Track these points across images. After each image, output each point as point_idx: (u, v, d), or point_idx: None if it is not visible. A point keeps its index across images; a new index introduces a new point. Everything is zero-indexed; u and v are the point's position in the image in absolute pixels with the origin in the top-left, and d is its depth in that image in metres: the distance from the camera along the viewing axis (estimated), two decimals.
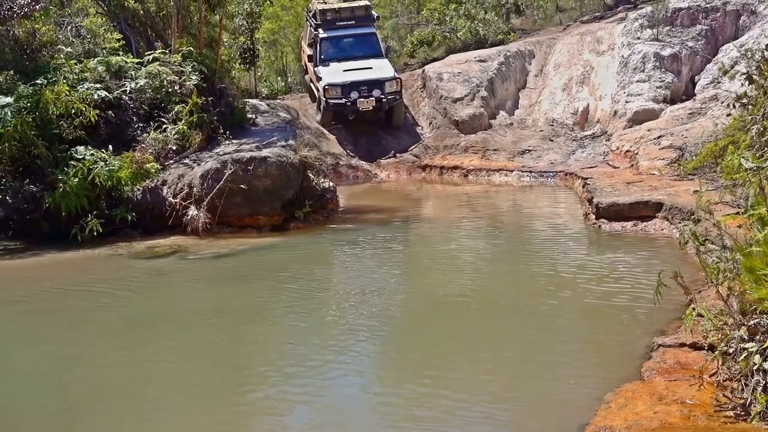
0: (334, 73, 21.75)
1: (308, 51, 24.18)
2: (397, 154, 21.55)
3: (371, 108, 21.28)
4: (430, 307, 8.86)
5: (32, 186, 13.10)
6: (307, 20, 25.11)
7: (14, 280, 10.93)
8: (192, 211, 12.90)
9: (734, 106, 11.80)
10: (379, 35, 24.50)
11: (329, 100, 21.45)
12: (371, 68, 21.89)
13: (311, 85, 24.28)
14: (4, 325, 8.98)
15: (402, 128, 22.50)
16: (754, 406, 4.99)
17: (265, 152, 13.69)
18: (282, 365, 7.18)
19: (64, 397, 6.55)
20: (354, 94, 21.15)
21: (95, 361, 7.45)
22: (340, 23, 23.09)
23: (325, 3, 24.20)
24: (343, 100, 21.24)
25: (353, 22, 23.23)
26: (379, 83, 21.33)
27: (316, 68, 22.58)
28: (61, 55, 14.99)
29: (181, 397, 6.51)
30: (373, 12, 24.13)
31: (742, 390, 5.26)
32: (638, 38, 20.95)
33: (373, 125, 22.25)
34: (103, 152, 13.31)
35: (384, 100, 21.25)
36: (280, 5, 32.78)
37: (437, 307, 8.82)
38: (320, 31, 22.89)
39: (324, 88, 21.51)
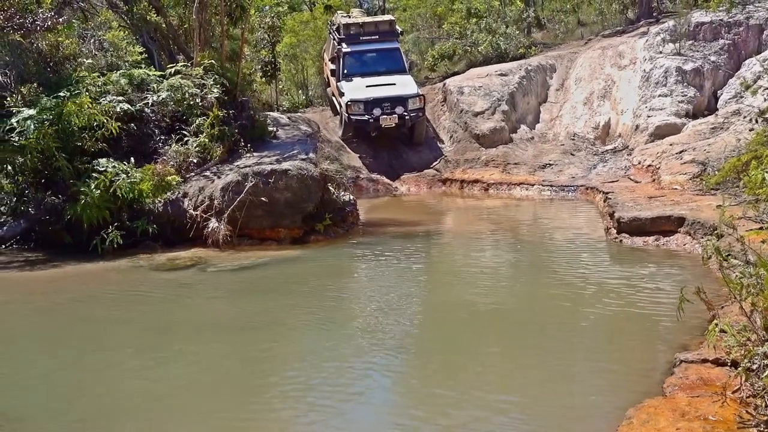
0: (357, 88, 21.70)
1: (331, 65, 24.12)
2: (419, 171, 21.54)
3: (394, 125, 21.25)
4: (451, 320, 8.82)
5: (54, 198, 13.16)
6: (329, 33, 25.05)
7: (36, 291, 10.94)
8: (213, 223, 12.92)
9: (757, 121, 11.76)
10: (402, 50, 24.44)
11: (351, 116, 21.40)
12: (394, 84, 21.81)
13: (333, 98, 24.23)
14: (27, 334, 9.01)
15: (423, 142, 22.48)
16: None
17: (285, 165, 13.70)
18: (304, 377, 7.16)
19: (85, 407, 6.54)
20: (377, 111, 21.11)
21: (115, 372, 7.45)
22: (364, 38, 23.00)
23: (349, 17, 24.16)
24: (366, 117, 21.19)
25: (377, 36, 23.13)
26: (402, 100, 21.27)
27: (338, 83, 22.52)
28: (82, 68, 15.03)
29: (202, 409, 6.48)
30: (397, 27, 24.02)
31: (766, 407, 5.20)
32: (660, 52, 20.92)
33: (394, 139, 22.22)
34: (124, 164, 13.35)
35: (407, 117, 21.20)
36: (300, 20, 32.92)
37: (458, 320, 8.78)
38: (343, 45, 22.81)
39: (347, 104, 21.46)
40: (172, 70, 15.36)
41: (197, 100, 14.88)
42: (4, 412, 6.45)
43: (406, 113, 21.20)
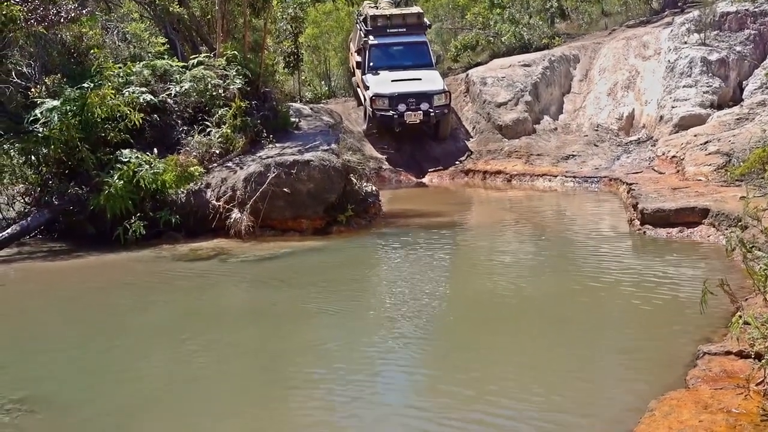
0: (382, 83, 21.48)
1: (357, 56, 23.82)
2: (442, 162, 21.46)
3: (418, 121, 21.05)
4: (473, 312, 8.82)
5: (78, 188, 13.22)
6: (356, 23, 24.83)
7: (61, 281, 11.02)
8: (235, 214, 12.95)
9: None
10: (430, 44, 24.20)
11: (376, 111, 21.21)
12: (420, 79, 21.55)
13: (358, 90, 24.01)
14: (57, 323, 9.06)
15: (448, 137, 22.31)
16: None
17: (308, 156, 13.71)
18: (325, 368, 7.17)
19: (121, 395, 6.54)
20: (402, 107, 20.87)
21: (145, 361, 7.48)
22: (391, 30, 22.70)
23: (377, 7, 23.90)
24: (390, 112, 20.96)
25: (404, 29, 22.83)
26: (427, 96, 21.02)
27: (364, 76, 22.30)
28: (101, 59, 14.99)
29: (231, 396, 6.49)
30: (425, 20, 23.70)
31: None
32: (685, 43, 20.76)
33: (418, 131, 22.08)
34: (147, 155, 13.41)
35: (432, 113, 20.97)
36: (322, 11, 32.85)
37: (480, 312, 8.78)
38: (370, 37, 22.57)
39: (371, 99, 21.28)
40: (195, 61, 15.37)
41: (220, 91, 14.91)
42: (48, 398, 6.52)
43: (431, 110, 20.96)
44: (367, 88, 21.85)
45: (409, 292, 9.70)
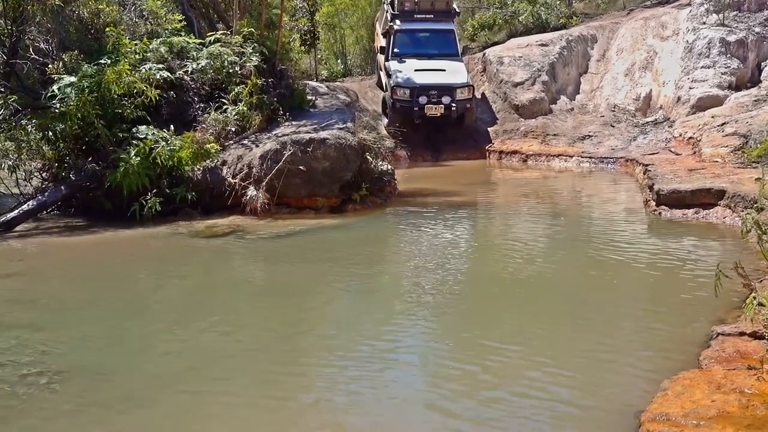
0: (405, 72, 21.16)
1: (382, 39, 23.48)
2: (458, 144, 21.38)
3: (439, 115, 20.70)
4: (488, 290, 8.84)
5: (95, 164, 13.27)
6: (384, 3, 24.39)
7: (78, 256, 11.07)
8: (251, 191, 12.98)
9: None
10: (458, 33, 23.71)
11: (396, 101, 20.89)
12: (444, 71, 21.21)
13: (381, 73, 23.73)
14: (77, 297, 9.09)
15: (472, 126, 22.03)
16: None
17: (323, 134, 13.71)
18: (343, 338, 7.22)
19: (146, 367, 6.60)
20: (423, 99, 20.55)
21: (164, 335, 7.52)
22: (419, 16, 22.34)
23: None
24: (411, 104, 20.69)
25: (432, 16, 22.45)
26: (450, 89, 20.67)
27: (387, 62, 21.97)
28: (117, 36, 14.97)
29: (249, 371, 6.51)
30: (454, 6, 23.24)
31: None
32: (704, 23, 20.64)
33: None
34: (164, 132, 13.43)
35: (454, 107, 20.62)
36: None
37: (496, 290, 8.79)
38: (396, 22, 22.23)
39: (392, 88, 21.01)
40: (212, 38, 15.37)
41: (236, 69, 14.91)
42: (80, 367, 6.57)
43: (453, 103, 20.60)
44: (389, 75, 21.55)
45: (424, 269, 9.71)
